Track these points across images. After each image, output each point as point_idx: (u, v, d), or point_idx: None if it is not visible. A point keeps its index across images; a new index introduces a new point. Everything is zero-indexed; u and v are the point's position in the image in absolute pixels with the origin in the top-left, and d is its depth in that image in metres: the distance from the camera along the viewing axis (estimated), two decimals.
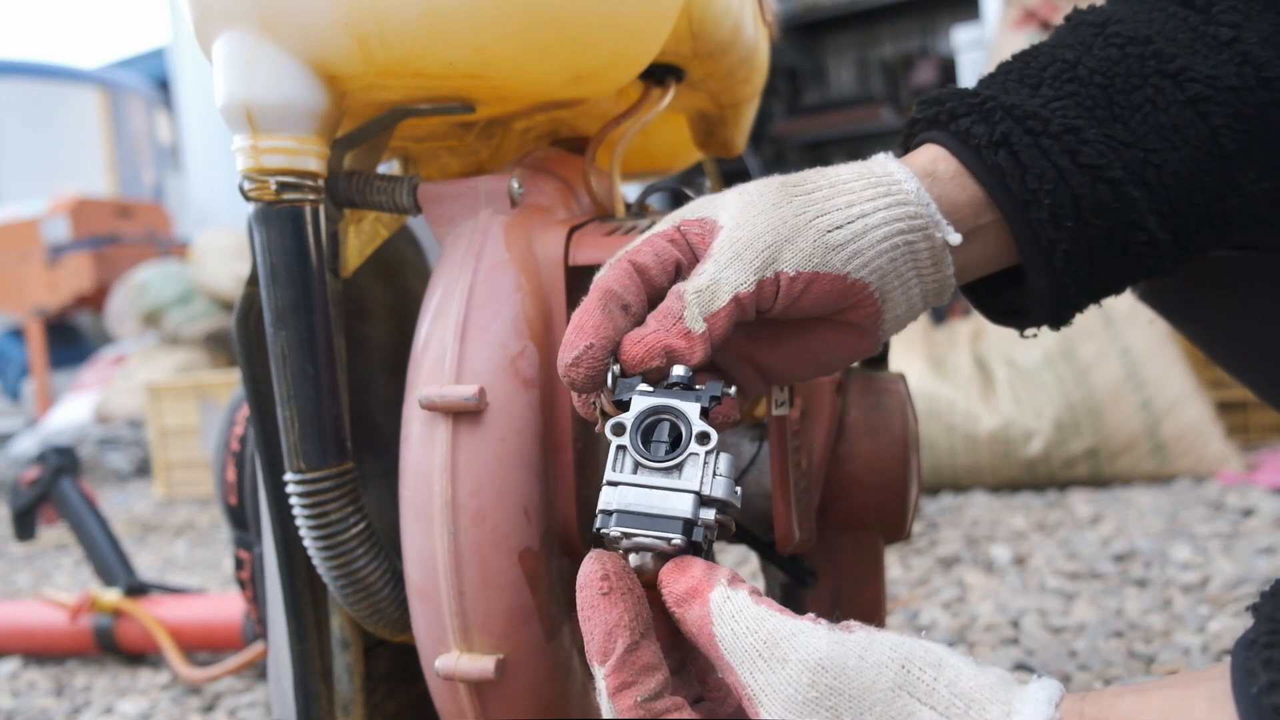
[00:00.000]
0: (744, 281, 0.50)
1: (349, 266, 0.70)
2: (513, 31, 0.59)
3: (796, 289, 0.50)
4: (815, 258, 0.50)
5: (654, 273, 0.51)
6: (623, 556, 0.47)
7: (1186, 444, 1.92)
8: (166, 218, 5.64)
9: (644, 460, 0.46)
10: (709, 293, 0.49)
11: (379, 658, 0.74)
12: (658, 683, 0.43)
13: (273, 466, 0.67)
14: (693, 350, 0.49)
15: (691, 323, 0.49)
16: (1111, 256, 0.54)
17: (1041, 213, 0.52)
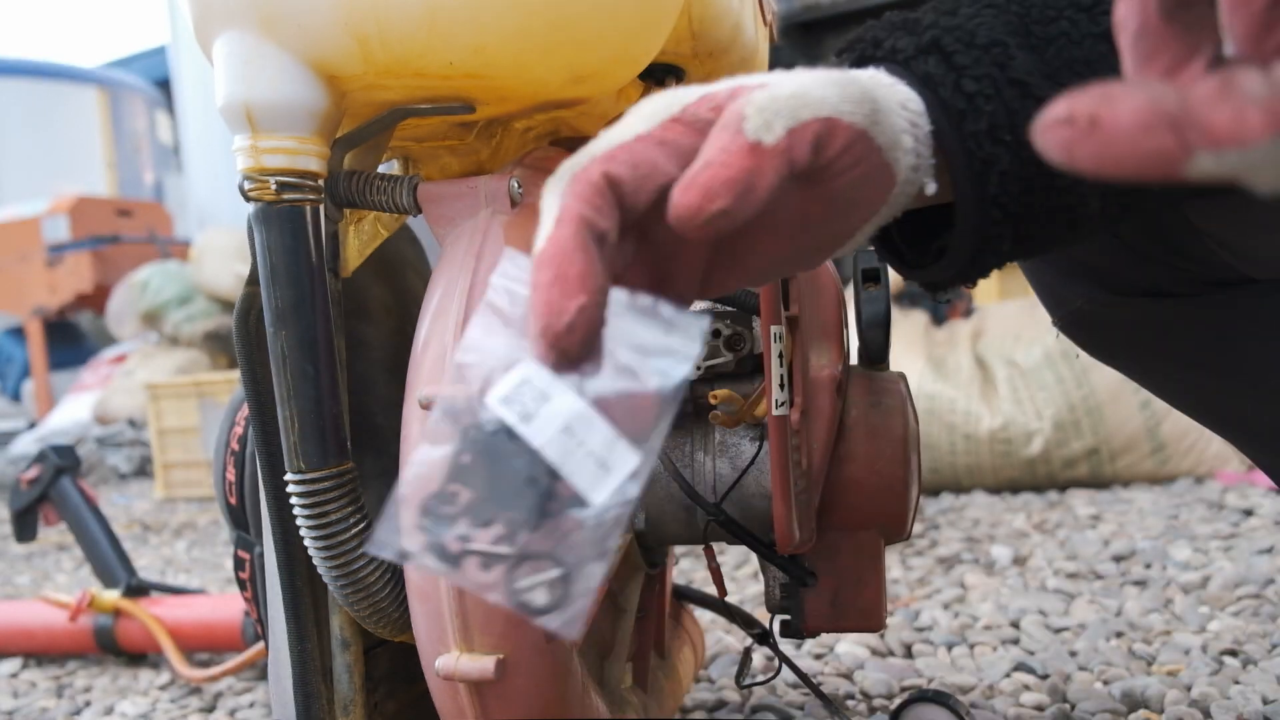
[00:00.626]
0: (850, 112, 0.41)
1: (349, 266, 0.70)
2: (513, 31, 0.59)
3: (873, 173, 0.43)
4: (895, 150, 0.44)
5: (629, 189, 0.39)
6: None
7: (1187, 444, 1.92)
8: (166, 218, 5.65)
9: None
10: (794, 100, 0.39)
11: (379, 658, 0.74)
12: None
13: (273, 466, 0.67)
14: (762, 174, 0.37)
15: (760, 132, 0.38)
16: (1040, 190, 0.48)
17: (980, 124, 0.46)
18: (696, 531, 0.81)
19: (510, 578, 0.37)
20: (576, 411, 0.38)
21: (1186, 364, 0.73)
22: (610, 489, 0.37)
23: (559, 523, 0.37)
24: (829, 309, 0.77)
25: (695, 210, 0.36)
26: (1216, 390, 0.74)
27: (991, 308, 2.30)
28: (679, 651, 0.99)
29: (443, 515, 0.38)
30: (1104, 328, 0.76)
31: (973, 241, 0.50)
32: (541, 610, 0.37)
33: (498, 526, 0.37)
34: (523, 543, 0.37)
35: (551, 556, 0.37)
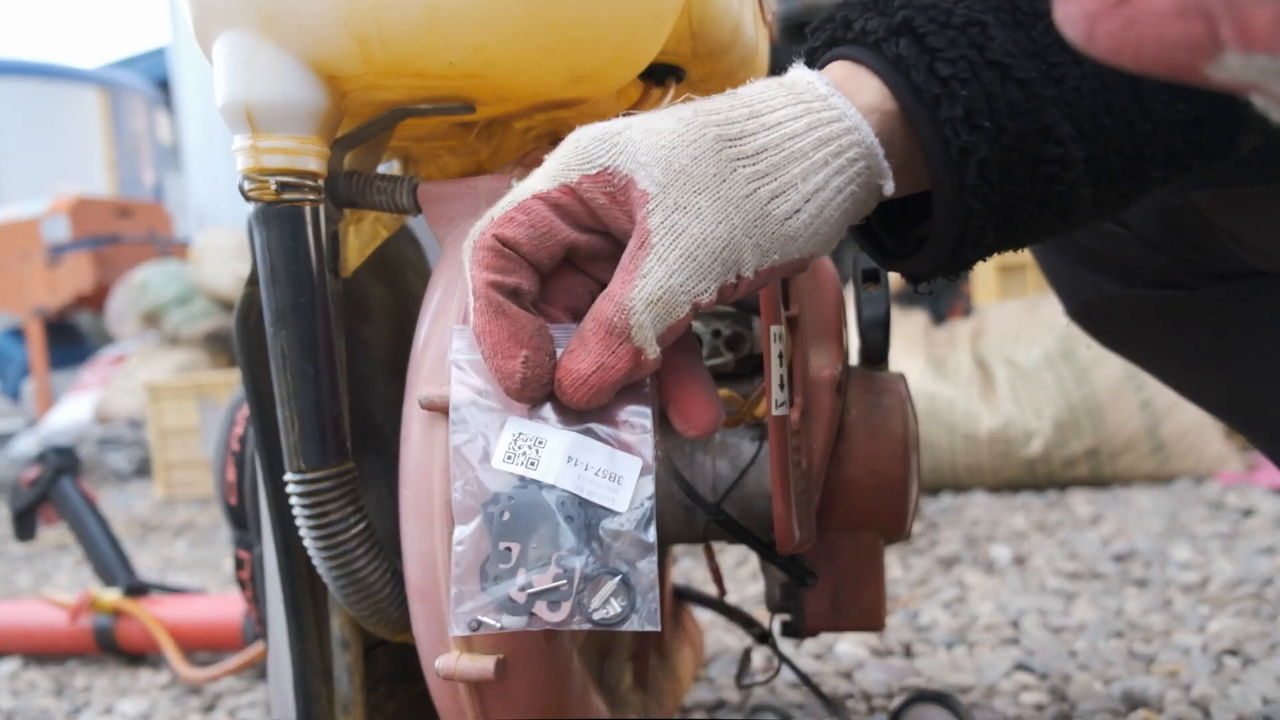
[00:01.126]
0: (704, 290, 0.43)
1: (349, 266, 0.70)
2: (513, 31, 0.60)
3: (760, 281, 0.45)
4: (775, 253, 0.44)
5: (527, 249, 0.44)
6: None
7: (1186, 444, 1.92)
8: (166, 218, 5.65)
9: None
10: (663, 306, 0.43)
11: (379, 658, 0.74)
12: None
13: (273, 466, 0.67)
14: (642, 371, 0.43)
15: (643, 344, 0.43)
16: (1022, 179, 0.46)
17: (956, 109, 0.44)
18: (696, 531, 0.81)
19: (580, 605, 0.43)
20: (571, 442, 0.43)
21: (1196, 356, 0.74)
22: (628, 493, 0.43)
23: (600, 539, 0.42)
24: (829, 309, 0.77)
25: (584, 403, 0.43)
26: (1226, 382, 0.74)
27: (991, 308, 2.30)
28: (679, 651, 0.99)
29: (501, 574, 0.43)
30: (1115, 318, 0.76)
31: (952, 233, 0.48)
32: (620, 618, 0.43)
33: (553, 566, 0.42)
34: (577, 571, 0.42)
35: (606, 570, 0.43)
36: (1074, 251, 0.75)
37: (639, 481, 0.43)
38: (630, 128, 0.45)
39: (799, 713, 0.99)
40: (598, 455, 0.44)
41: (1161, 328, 0.73)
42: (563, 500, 0.43)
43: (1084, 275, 0.75)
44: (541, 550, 0.43)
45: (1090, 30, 0.28)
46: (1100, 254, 0.72)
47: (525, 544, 0.43)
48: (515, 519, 0.43)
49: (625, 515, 0.43)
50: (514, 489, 0.43)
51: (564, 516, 0.43)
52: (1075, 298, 0.77)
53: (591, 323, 0.43)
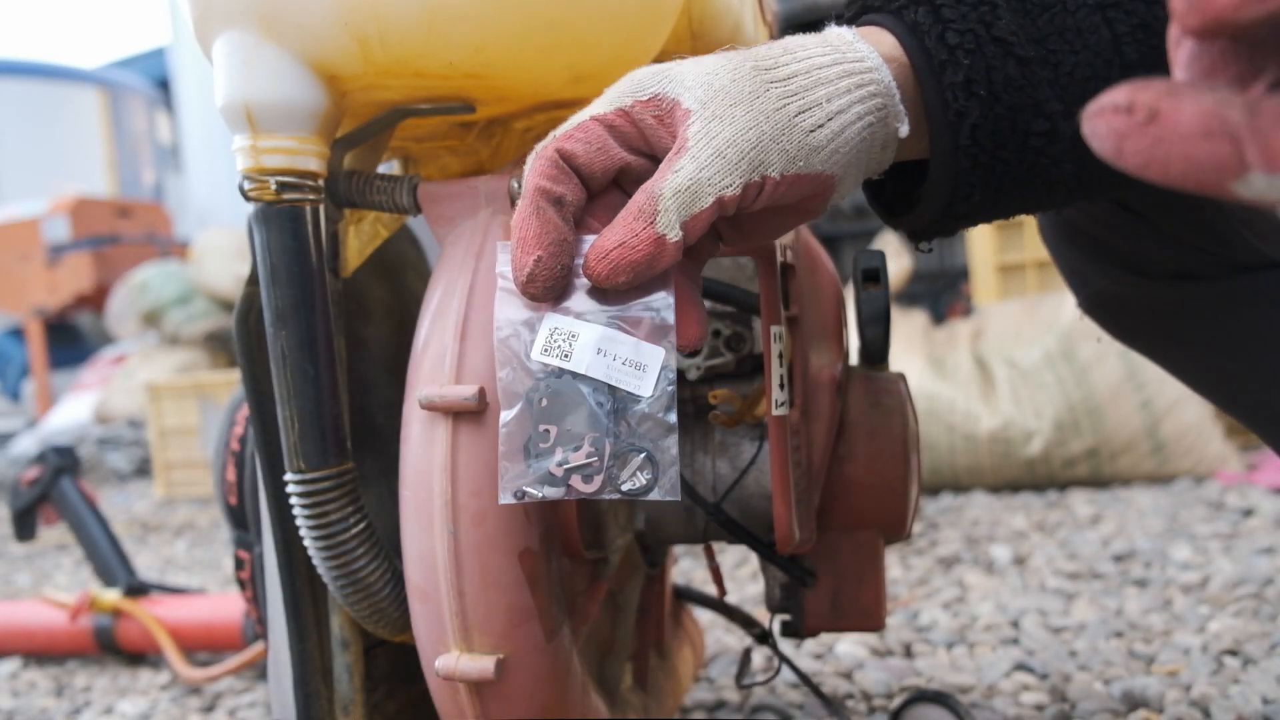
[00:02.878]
0: (730, 184, 0.47)
1: (349, 266, 0.70)
2: (513, 31, 0.60)
3: (781, 190, 0.49)
4: (799, 160, 0.48)
5: (582, 161, 0.48)
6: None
7: (1186, 444, 1.92)
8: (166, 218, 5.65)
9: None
10: (689, 194, 0.47)
11: (379, 658, 0.74)
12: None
13: (273, 466, 0.67)
14: (663, 258, 0.47)
15: (666, 228, 0.46)
16: (1012, 147, 0.51)
17: (958, 76, 0.50)
18: (696, 531, 0.81)
19: (610, 478, 0.49)
20: (600, 335, 0.49)
21: (1208, 348, 0.74)
22: (652, 380, 0.49)
23: (628, 421, 0.49)
24: (829, 309, 0.77)
25: (603, 278, 0.47)
26: (1238, 375, 0.74)
27: (991, 308, 2.30)
28: (679, 651, 0.99)
29: (542, 451, 0.49)
30: (1127, 309, 0.76)
31: (944, 189, 0.52)
32: (645, 489, 0.49)
33: (586, 445, 0.48)
34: (607, 449, 0.48)
35: (634, 448, 0.49)
36: (1088, 243, 0.75)
37: (661, 370, 0.48)
38: (680, 63, 0.51)
39: (799, 713, 0.99)
40: (625, 347, 0.49)
41: (1176, 320, 0.73)
42: (594, 387, 0.48)
43: (1098, 267, 0.75)
44: (576, 431, 0.48)
45: (1119, 146, 0.29)
46: (1115, 245, 0.73)
47: (561, 426, 0.49)
48: (552, 404, 0.49)
49: (649, 400, 0.48)
50: (551, 378, 0.49)
51: (595, 402, 0.48)
52: (1088, 289, 0.78)
53: (624, 209, 0.48)
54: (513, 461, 0.49)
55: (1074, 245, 0.76)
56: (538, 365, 0.49)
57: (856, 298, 0.77)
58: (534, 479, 0.49)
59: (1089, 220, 0.74)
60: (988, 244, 2.59)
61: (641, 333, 0.49)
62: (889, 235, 2.81)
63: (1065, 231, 0.77)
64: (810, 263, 0.77)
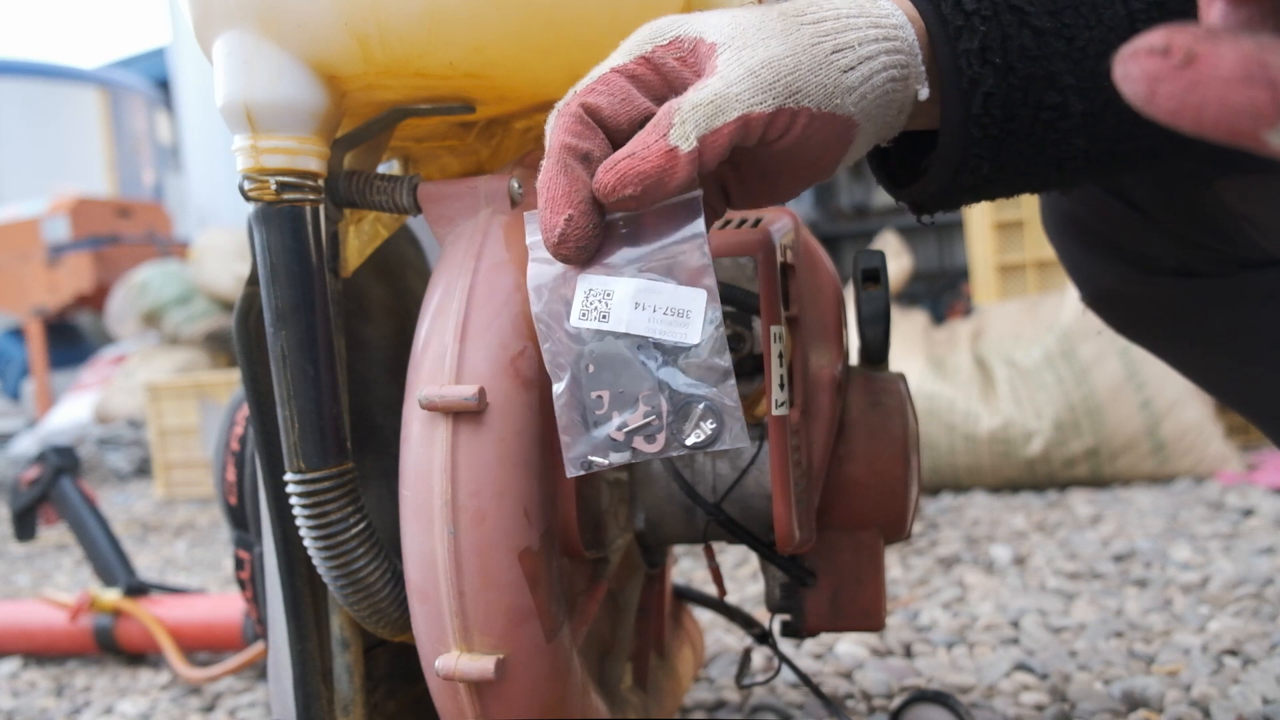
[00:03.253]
0: (760, 102, 0.45)
1: (349, 266, 0.70)
2: (513, 31, 0.59)
3: (812, 130, 0.47)
4: (835, 98, 0.47)
5: (607, 114, 0.46)
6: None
7: (1186, 444, 1.92)
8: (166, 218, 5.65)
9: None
10: (711, 108, 0.44)
11: (379, 658, 0.74)
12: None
13: (273, 466, 0.67)
14: (675, 173, 0.44)
15: (679, 140, 0.44)
16: (1023, 119, 0.50)
17: (973, 42, 0.49)
18: (696, 531, 0.81)
19: (674, 434, 0.47)
20: (635, 288, 0.47)
21: (1212, 344, 0.74)
22: (699, 325, 0.46)
23: (680, 372, 0.47)
24: (829, 309, 0.77)
25: (610, 189, 0.44)
26: (1241, 371, 0.74)
27: (991, 308, 2.30)
28: (679, 651, 0.99)
29: (599, 419, 0.47)
30: (1132, 306, 0.76)
31: (953, 159, 0.51)
32: (712, 439, 0.47)
33: (641, 405, 0.47)
34: (664, 405, 0.47)
35: (692, 399, 0.46)
36: (1092, 238, 0.75)
37: (706, 311, 0.46)
38: (703, 14, 0.49)
39: (799, 713, 0.99)
40: (663, 295, 0.47)
41: (1179, 316, 0.74)
42: (638, 344, 0.47)
43: (1103, 263, 0.75)
44: (629, 392, 0.47)
45: (1151, 90, 0.28)
46: (1120, 242, 0.73)
47: (613, 389, 0.47)
48: (600, 369, 0.47)
49: (698, 346, 0.46)
50: (593, 342, 0.47)
51: (641, 360, 0.47)
52: (1093, 285, 0.78)
53: (643, 128, 0.45)
54: (572, 434, 0.48)
55: (1078, 241, 0.77)
56: (578, 330, 0.47)
57: (856, 298, 0.77)
58: (597, 447, 0.47)
59: (1093, 215, 0.74)
60: (988, 244, 2.59)
61: (679, 277, 0.47)
62: (889, 235, 2.81)
63: (1069, 226, 0.77)
64: (810, 263, 0.77)
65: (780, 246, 0.70)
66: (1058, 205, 0.77)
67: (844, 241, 4.40)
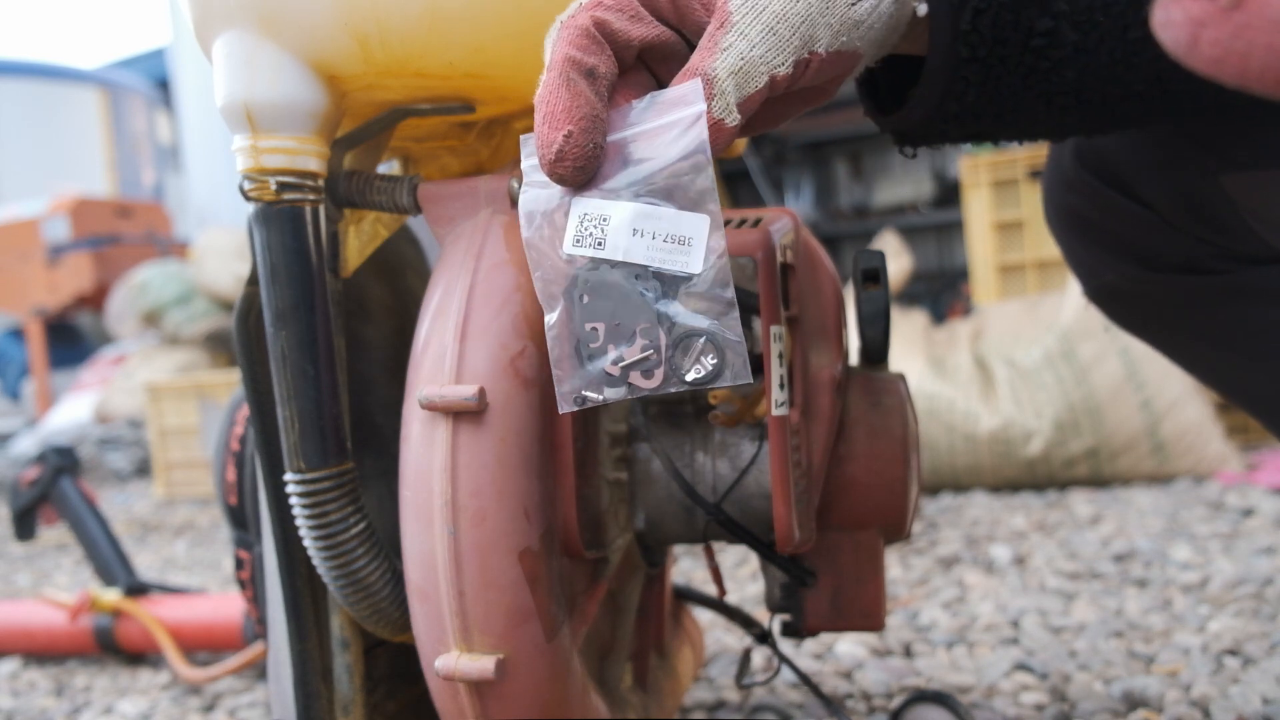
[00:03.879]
0: (782, 63, 0.44)
1: (349, 266, 0.70)
2: (513, 31, 0.60)
3: (826, 69, 0.46)
4: (844, 35, 0.46)
5: (617, 28, 0.45)
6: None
7: (1186, 444, 1.92)
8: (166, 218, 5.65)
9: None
10: (743, 75, 0.44)
11: (379, 658, 0.74)
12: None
13: (273, 466, 0.67)
14: (724, 138, 0.44)
15: (723, 113, 0.43)
16: (1013, 44, 0.49)
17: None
18: (696, 531, 0.81)
19: (673, 369, 0.44)
20: (634, 212, 0.43)
21: (1217, 342, 0.74)
22: (700, 254, 0.43)
23: (682, 303, 0.43)
24: (829, 309, 0.77)
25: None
26: (1245, 367, 0.74)
27: (991, 308, 2.30)
28: (679, 651, 0.99)
29: (593, 352, 0.44)
30: (1135, 302, 0.76)
31: (940, 79, 0.50)
32: (712, 375, 0.43)
33: (639, 338, 0.44)
34: (663, 338, 0.43)
35: (693, 332, 0.43)
36: (1095, 234, 0.75)
37: (709, 240, 0.43)
38: None
39: (799, 713, 0.99)
40: (664, 220, 0.43)
41: (1184, 312, 0.73)
42: (636, 274, 0.43)
43: (1106, 258, 0.75)
44: (626, 325, 0.44)
45: (1194, 36, 0.27)
46: (1123, 237, 0.73)
47: (609, 321, 0.44)
48: (595, 299, 0.44)
49: (700, 276, 0.43)
50: (588, 270, 0.44)
51: (640, 290, 0.44)
52: (1095, 280, 0.77)
53: (673, 94, 0.44)
54: (565, 368, 0.45)
55: (1081, 235, 0.77)
56: (572, 257, 0.44)
57: (856, 298, 0.77)
58: (591, 382, 0.44)
59: (1097, 210, 0.74)
60: (988, 244, 2.59)
61: (680, 201, 0.44)
62: (889, 235, 2.81)
63: (1072, 221, 0.77)
64: (810, 263, 0.77)
65: (780, 246, 0.70)
66: (1060, 199, 0.77)
67: (844, 241, 4.40)
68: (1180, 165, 0.65)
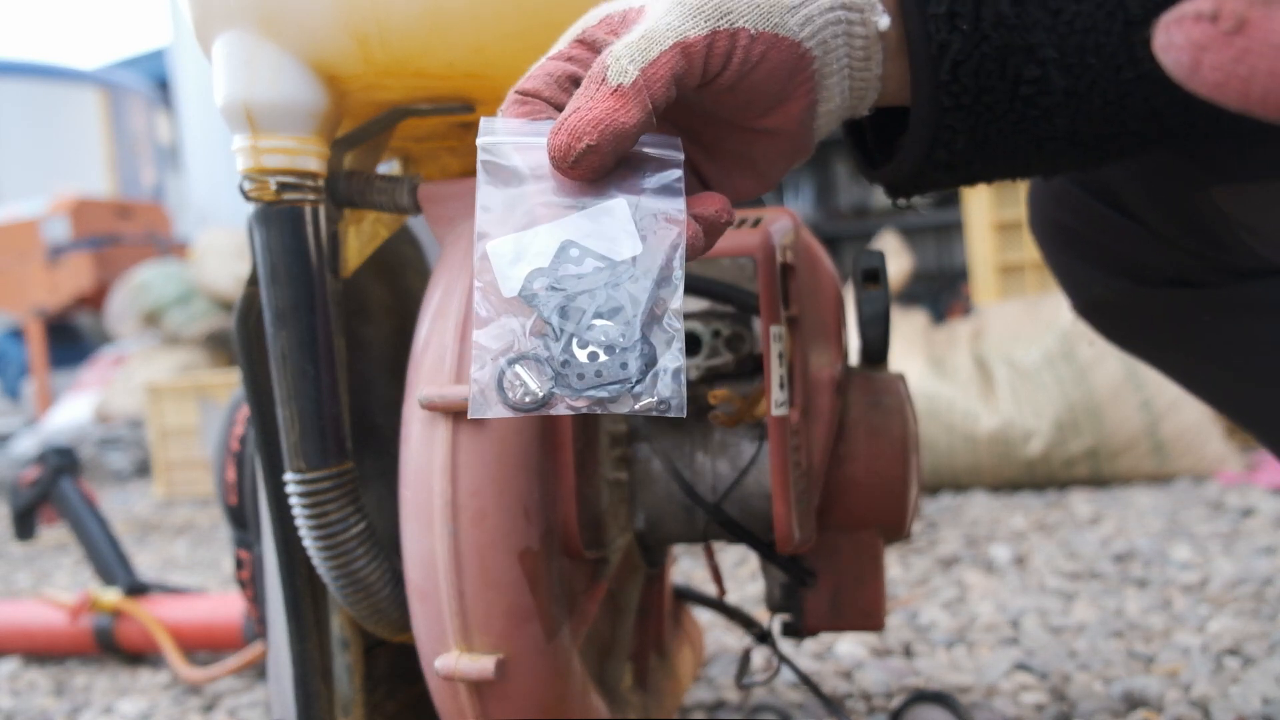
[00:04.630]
0: (692, 27, 0.43)
1: (349, 266, 0.70)
2: (513, 31, 0.60)
3: (755, 54, 0.44)
4: (773, 17, 0.44)
5: (547, 96, 0.44)
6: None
7: (1186, 444, 1.92)
8: (166, 218, 5.65)
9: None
10: (643, 41, 0.42)
11: (379, 658, 0.74)
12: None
13: (273, 466, 0.67)
14: (626, 110, 0.41)
15: (618, 77, 0.41)
16: (1000, 91, 0.48)
17: (940, 7, 0.47)
18: (696, 531, 0.81)
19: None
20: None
21: (1209, 356, 0.73)
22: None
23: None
24: (829, 309, 0.77)
25: (565, 148, 0.40)
26: (1236, 380, 0.74)
27: (991, 308, 2.30)
28: (679, 651, 0.99)
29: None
30: (1126, 315, 0.75)
31: (926, 130, 0.49)
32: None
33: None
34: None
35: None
36: (1084, 248, 0.74)
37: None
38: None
39: (799, 713, 0.99)
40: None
41: (1175, 326, 0.73)
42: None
43: (1095, 272, 0.75)
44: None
45: (1196, 60, 0.27)
46: (1113, 250, 0.72)
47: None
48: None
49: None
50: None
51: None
52: (1084, 294, 0.77)
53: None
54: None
55: (1069, 249, 0.76)
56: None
57: (856, 298, 0.77)
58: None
59: (1085, 224, 0.73)
60: (988, 244, 2.59)
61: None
62: (889, 235, 2.81)
63: (1059, 236, 0.77)
64: (810, 263, 0.77)
65: (780, 246, 0.70)
66: (1048, 213, 0.77)
67: (844, 241, 4.40)
68: (1170, 178, 0.64)
